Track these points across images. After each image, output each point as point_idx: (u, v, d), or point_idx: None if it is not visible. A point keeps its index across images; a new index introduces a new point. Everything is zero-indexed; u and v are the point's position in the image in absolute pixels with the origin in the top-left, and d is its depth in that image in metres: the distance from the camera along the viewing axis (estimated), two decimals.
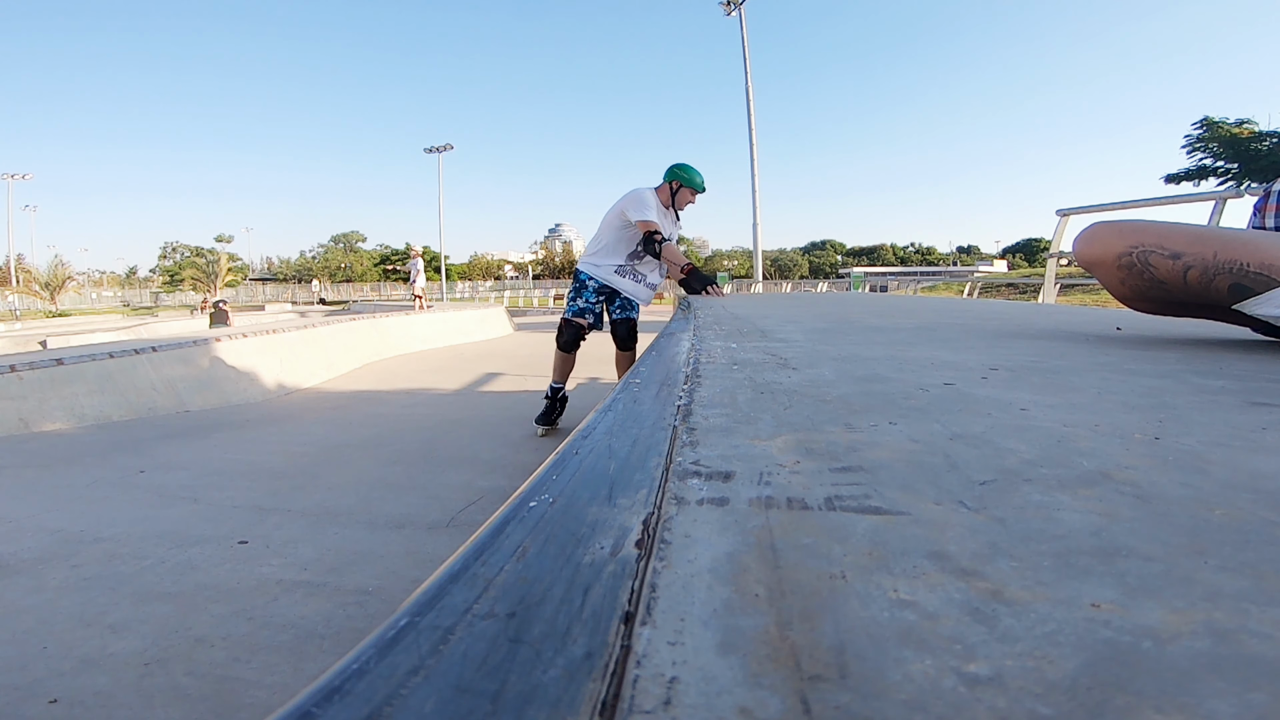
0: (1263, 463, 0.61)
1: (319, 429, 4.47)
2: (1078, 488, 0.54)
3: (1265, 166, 21.14)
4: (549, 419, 4.20)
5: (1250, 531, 0.45)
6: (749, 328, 2.20)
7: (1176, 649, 0.31)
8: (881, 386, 1.03)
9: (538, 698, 0.28)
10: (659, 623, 0.34)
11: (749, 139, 24.88)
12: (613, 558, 0.42)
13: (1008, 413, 0.83)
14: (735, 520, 0.48)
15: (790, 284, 47.79)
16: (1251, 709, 0.26)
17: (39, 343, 9.88)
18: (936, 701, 0.27)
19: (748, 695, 0.27)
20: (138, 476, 3.23)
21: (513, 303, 31.39)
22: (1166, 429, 0.75)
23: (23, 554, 2.22)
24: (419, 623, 0.34)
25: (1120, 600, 0.35)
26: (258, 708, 1.38)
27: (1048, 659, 0.30)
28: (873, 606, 0.35)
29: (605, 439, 0.73)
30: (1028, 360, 1.36)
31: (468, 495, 2.78)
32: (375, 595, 1.91)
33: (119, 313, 34.06)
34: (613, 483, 0.57)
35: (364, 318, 9.22)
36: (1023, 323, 2.52)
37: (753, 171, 24.55)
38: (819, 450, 0.66)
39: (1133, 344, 1.70)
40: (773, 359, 1.38)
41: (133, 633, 1.67)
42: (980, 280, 17.91)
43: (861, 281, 33.45)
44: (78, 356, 4.93)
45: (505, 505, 0.53)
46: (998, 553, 0.41)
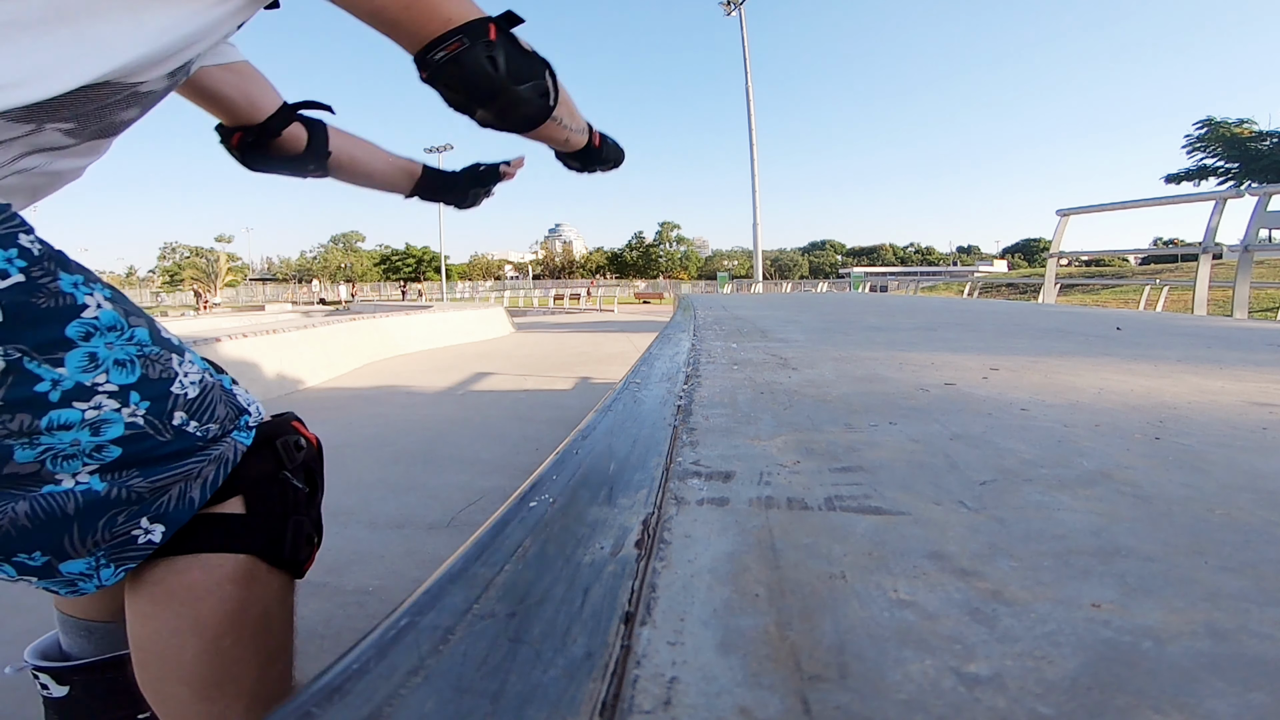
0: (1263, 463, 0.61)
1: (319, 429, 4.45)
2: (1078, 488, 0.54)
3: (1265, 166, 21.14)
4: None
5: (1250, 531, 0.45)
6: (749, 328, 2.21)
7: (1176, 649, 0.31)
8: (881, 386, 1.03)
9: (538, 698, 0.28)
10: (659, 623, 0.34)
11: (749, 139, 24.89)
12: (613, 558, 0.42)
13: (1008, 413, 0.83)
14: (735, 520, 0.48)
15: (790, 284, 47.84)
16: (1251, 709, 0.26)
17: None
18: (936, 701, 0.27)
19: (748, 695, 0.27)
20: None
21: (513, 303, 31.39)
22: (1166, 429, 0.75)
23: None
24: (419, 623, 0.34)
25: (1120, 600, 0.35)
26: None
27: (1048, 659, 0.30)
28: (872, 606, 0.35)
29: (605, 439, 0.73)
30: (1028, 360, 1.36)
31: (468, 495, 2.78)
32: (375, 595, 1.91)
33: None
34: (613, 483, 0.57)
35: (364, 318, 9.23)
36: (1023, 323, 2.52)
37: (753, 171, 24.57)
38: (819, 450, 0.66)
39: (1133, 344, 1.70)
40: (773, 359, 1.38)
41: None
42: (980, 280, 17.92)
43: (861, 281, 33.47)
44: None
45: (505, 505, 0.53)
46: (998, 553, 0.41)
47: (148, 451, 0.50)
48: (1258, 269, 6.52)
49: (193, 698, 0.53)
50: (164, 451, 0.51)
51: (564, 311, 21.87)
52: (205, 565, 0.54)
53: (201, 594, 0.53)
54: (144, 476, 0.50)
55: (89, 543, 0.49)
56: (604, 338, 9.72)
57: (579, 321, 16.41)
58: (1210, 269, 4.89)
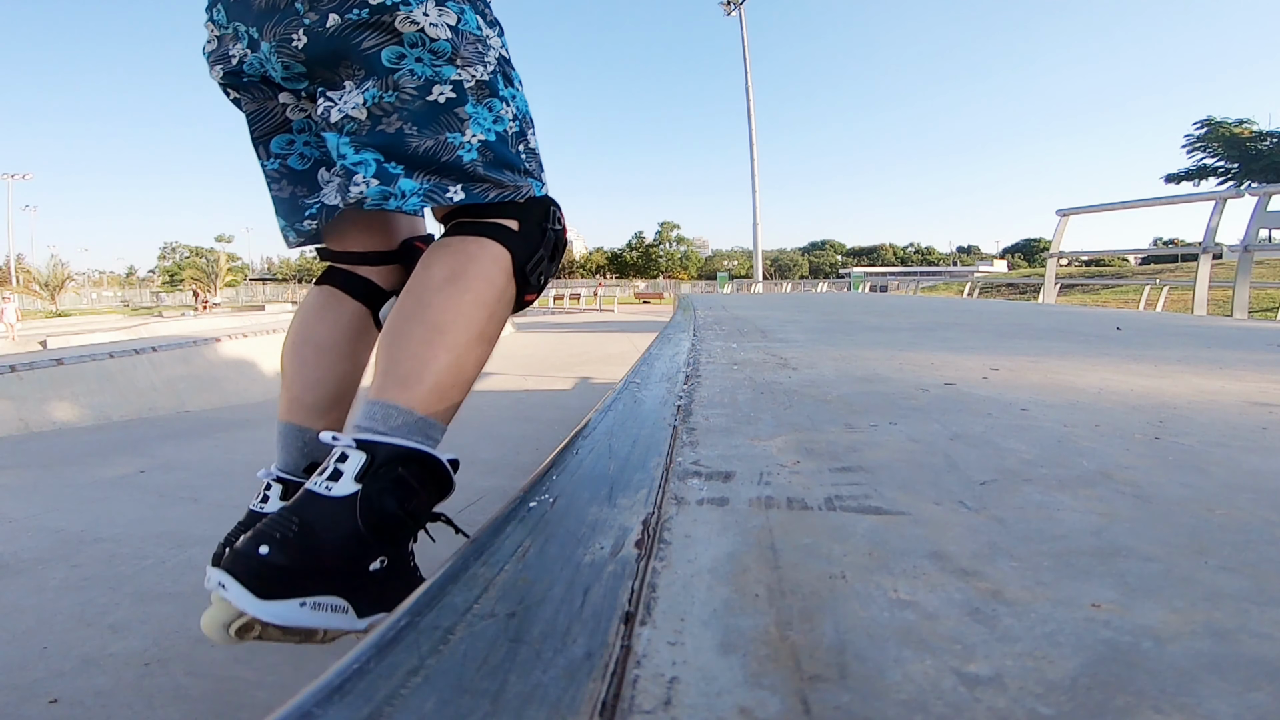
0: (1263, 463, 0.61)
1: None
2: (1078, 488, 0.54)
3: (1265, 166, 21.16)
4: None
5: (1250, 531, 0.45)
6: (749, 328, 2.21)
7: (1176, 649, 0.31)
8: (881, 386, 1.03)
9: (538, 698, 0.28)
10: (659, 623, 0.34)
11: (749, 138, 24.90)
12: (613, 558, 0.42)
13: (1008, 413, 0.83)
14: (735, 520, 0.48)
15: (790, 284, 47.81)
16: (1251, 709, 0.26)
17: (39, 343, 9.88)
18: (936, 701, 0.27)
19: (748, 695, 0.27)
20: (138, 476, 3.23)
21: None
22: (1166, 429, 0.75)
23: (23, 554, 2.22)
24: (419, 623, 0.34)
25: (1120, 600, 0.35)
26: (258, 708, 1.38)
27: (1048, 659, 0.30)
28: (873, 606, 0.35)
29: (605, 439, 0.73)
30: (1028, 360, 1.36)
31: (468, 495, 2.78)
32: None
33: (119, 313, 34.11)
34: (613, 483, 0.57)
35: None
36: (1023, 323, 2.52)
37: (753, 171, 24.58)
38: (819, 450, 0.66)
39: (1133, 344, 1.70)
40: (773, 359, 1.38)
41: (133, 633, 1.67)
42: (980, 280, 17.92)
43: (861, 281, 33.47)
44: (78, 357, 4.93)
45: (505, 505, 0.53)
46: (998, 553, 0.41)
47: (502, 153, 0.71)
48: (1258, 269, 6.52)
49: (422, 341, 0.66)
50: (506, 158, 0.71)
51: (564, 311, 21.87)
52: (485, 245, 0.71)
53: (477, 257, 0.70)
54: (485, 165, 0.70)
55: (430, 176, 0.68)
56: (604, 338, 9.72)
57: (579, 321, 16.41)
58: (1210, 269, 4.89)
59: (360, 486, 0.57)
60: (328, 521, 0.57)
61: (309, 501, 0.58)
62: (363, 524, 0.57)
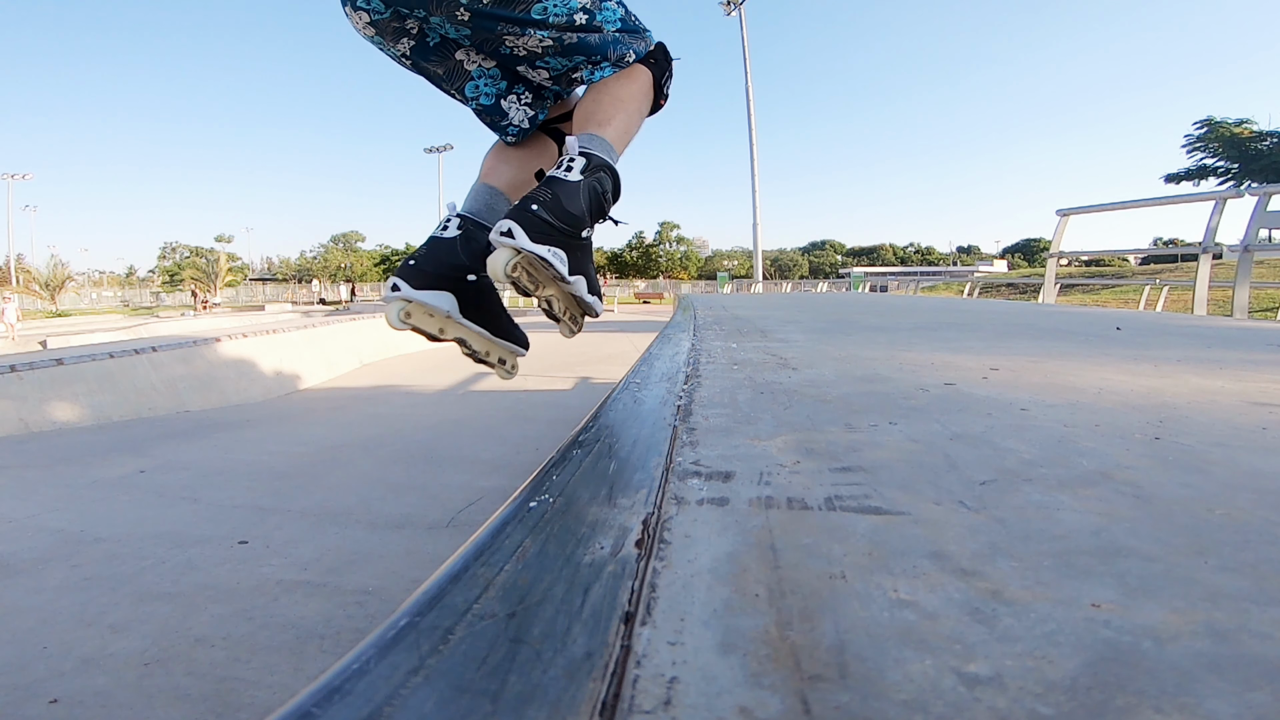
0: (1263, 463, 0.61)
1: (319, 429, 4.47)
2: (1078, 488, 0.54)
3: (1265, 166, 21.16)
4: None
5: (1250, 531, 0.45)
6: (749, 328, 2.21)
7: (1176, 649, 0.31)
8: (881, 386, 1.03)
9: (538, 698, 0.28)
10: (659, 623, 0.34)
11: (749, 138, 24.90)
12: (613, 558, 0.42)
13: (1008, 413, 0.83)
14: (735, 520, 0.48)
15: (790, 284, 47.80)
16: (1251, 709, 0.26)
17: (39, 343, 9.88)
18: (936, 701, 0.27)
19: (748, 695, 0.27)
20: (138, 476, 3.23)
21: (512, 303, 31.33)
22: (1166, 429, 0.75)
23: (23, 554, 2.22)
24: (419, 623, 0.34)
25: (1120, 600, 0.35)
26: (258, 708, 1.38)
27: (1048, 659, 0.30)
28: (873, 606, 0.35)
29: (605, 439, 0.73)
30: (1028, 360, 1.36)
31: (468, 495, 2.78)
32: (375, 595, 1.92)
33: (119, 313, 34.10)
34: (613, 483, 0.57)
35: (364, 318, 9.22)
36: (1023, 323, 2.52)
37: (753, 171, 24.58)
38: (819, 450, 0.66)
39: (1133, 344, 1.70)
40: (773, 359, 1.38)
41: (133, 633, 1.68)
42: (980, 280, 17.92)
43: (861, 281, 33.47)
44: (78, 357, 4.93)
45: (505, 505, 0.53)
46: (998, 553, 0.41)
47: (630, 25, 1.04)
48: (1258, 269, 6.52)
49: (611, 105, 1.01)
50: (634, 27, 1.04)
51: None
52: (639, 67, 1.06)
53: (638, 71, 1.06)
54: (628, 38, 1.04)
55: (605, 60, 1.04)
56: (604, 338, 9.72)
57: None
58: (1210, 269, 4.89)
59: (584, 177, 0.90)
60: (569, 192, 0.88)
61: (555, 180, 0.89)
62: (585, 199, 0.89)
